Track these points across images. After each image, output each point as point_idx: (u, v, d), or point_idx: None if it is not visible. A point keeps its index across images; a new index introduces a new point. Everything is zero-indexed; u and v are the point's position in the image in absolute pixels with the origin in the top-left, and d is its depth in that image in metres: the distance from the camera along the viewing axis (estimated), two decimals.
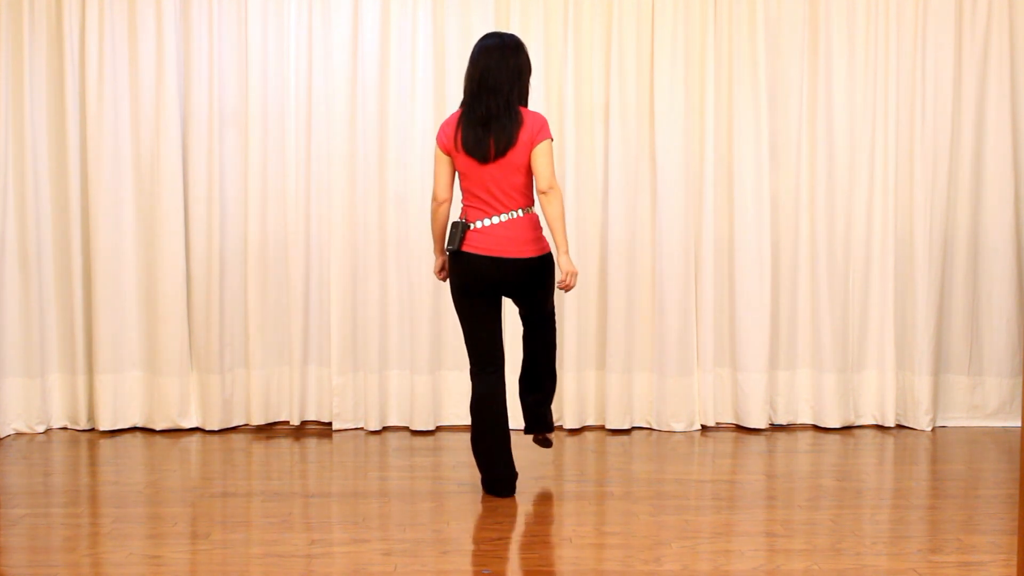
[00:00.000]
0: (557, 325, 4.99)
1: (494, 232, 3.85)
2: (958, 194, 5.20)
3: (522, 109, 3.87)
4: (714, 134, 5.11)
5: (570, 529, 3.61)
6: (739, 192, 5.13)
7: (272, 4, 5.06)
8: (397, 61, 5.05)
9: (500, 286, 3.92)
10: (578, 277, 4.57)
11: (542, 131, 3.85)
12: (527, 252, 3.88)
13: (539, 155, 3.84)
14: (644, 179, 5.10)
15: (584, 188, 5.10)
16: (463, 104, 3.89)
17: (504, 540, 3.52)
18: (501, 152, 3.81)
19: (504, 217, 3.86)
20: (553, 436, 4.41)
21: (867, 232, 5.16)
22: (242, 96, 5.05)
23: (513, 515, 3.81)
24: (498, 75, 3.84)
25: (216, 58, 5.02)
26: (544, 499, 3.97)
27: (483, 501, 3.93)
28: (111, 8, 4.99)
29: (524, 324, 4.16)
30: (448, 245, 3.89)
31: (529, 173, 3.87)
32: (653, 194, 5.10)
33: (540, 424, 4.23)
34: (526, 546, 3.49)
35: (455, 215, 4.02)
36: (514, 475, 4.02)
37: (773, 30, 5.13)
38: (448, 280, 4.01)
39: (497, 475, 3.98)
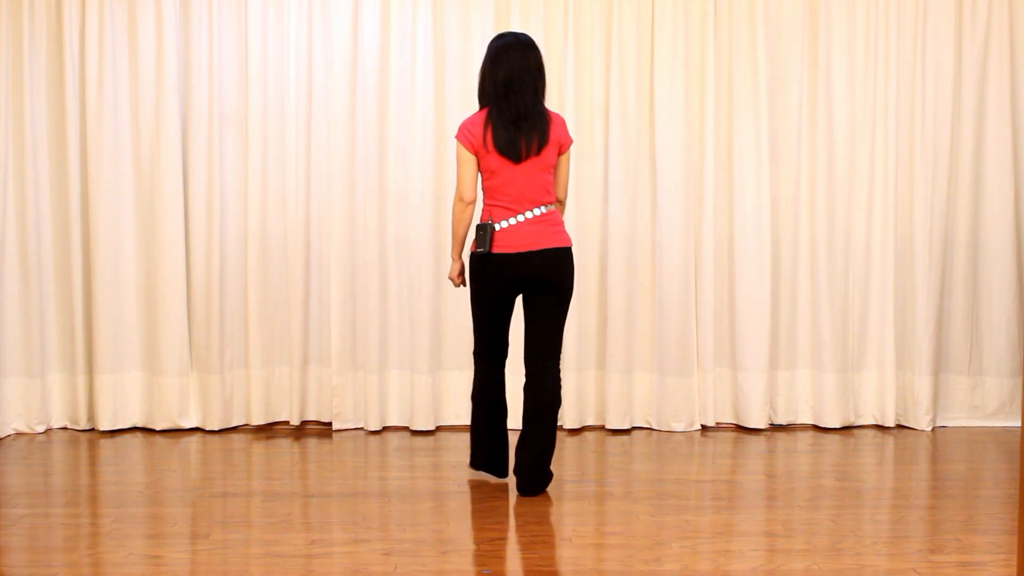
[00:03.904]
0: None
1: (521, 229, 3.87)
2: (958, 194, 5.20)
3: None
4: (714, 134, 5.11)
5: (570, 529, 3.61)
6: (739, 192, 5.13)
7: (272, 4, 5.06)
8: (397, 61, 5.05)
9: (528, 281, 3.90)
10: (578, 275, 4.85)
11: (568, 134, 3.97)
12: (554, 243, 3.90)
13: (565, 162, 3.99)
14: (644, 179, 5.10)
15: (584, 188, 5.10)
16: (487, 104, 3.89)
17: (504, 540, 3.52)
18: (535, 151, 3.86)
19: (529, 214, 3.89)
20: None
21: (867, 232, 5.16)
22: (242, 96, 5.05)
23: (513, 515, 3.81)
24: (523, 73, 3.87)
25: (216, 58, 5.02)
26: (544, 499, 3.97)
27: (483, 501, 3.93)
28: (111, 8, 4.99)
29: (529, 361, 3.95)
30: (479, 248, 3.86)
31: (554, 172, 3.96)
32: (653, 194, 5.10)
33: (543, 480, 4.02)
34: (526, 546, 3.49)
35: (476, 216, 4.02)
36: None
37: (773, 30, 5.13)
38: (471, 283, 3.99)
39: (495, 450, 4.11)
